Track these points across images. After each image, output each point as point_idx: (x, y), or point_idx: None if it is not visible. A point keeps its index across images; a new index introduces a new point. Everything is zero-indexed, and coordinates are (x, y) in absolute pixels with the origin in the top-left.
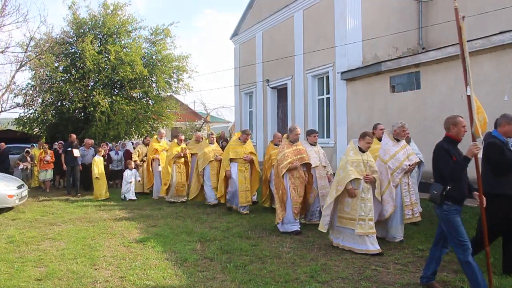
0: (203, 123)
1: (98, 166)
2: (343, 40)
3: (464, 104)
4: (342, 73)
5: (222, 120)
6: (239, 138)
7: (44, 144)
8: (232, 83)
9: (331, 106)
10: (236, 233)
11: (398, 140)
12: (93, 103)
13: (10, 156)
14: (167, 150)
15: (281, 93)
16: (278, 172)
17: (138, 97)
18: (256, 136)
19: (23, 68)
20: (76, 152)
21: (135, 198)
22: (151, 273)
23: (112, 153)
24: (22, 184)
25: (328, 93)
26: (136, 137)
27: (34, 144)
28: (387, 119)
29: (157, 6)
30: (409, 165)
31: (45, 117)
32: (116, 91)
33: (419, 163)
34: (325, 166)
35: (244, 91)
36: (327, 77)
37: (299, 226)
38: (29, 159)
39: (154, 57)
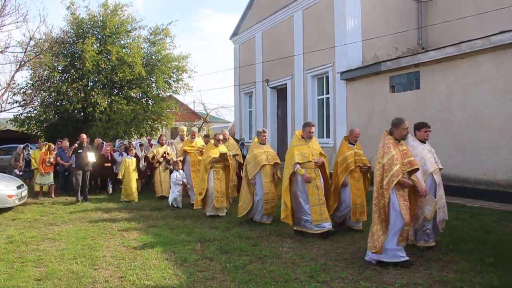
0: (203, 123)
1: (126, 166)
2: (342, 40)
3: (463, 104)
4: (342, 73)
5: (222, 120)
6: (302, 137)
7: (49, 143)
8: (232, 83)
9: (331, 106)
10: (236, 233)
11: None
12: (92, 103)
13: (7, 156)
14: (202, 153)
15: (281, 93)
16: (383, 182)
17: (138, 97)
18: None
19: (23, 68)
20: (91, 157)
21: (181, 206)
22: (150, 273)
23: (115, 155)
24: (22, 184)
25: (327, 93)
26: (135, 137)
27: (28, 144)
28: (386, 119)
29: (155, 6)
30: None
31: (45, 117)
32: (116, 91)
33: None
34: (441, 169)
35: (244, 91)
36: (327, 77)
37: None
38: (21, 160)
39: (153, 57)
